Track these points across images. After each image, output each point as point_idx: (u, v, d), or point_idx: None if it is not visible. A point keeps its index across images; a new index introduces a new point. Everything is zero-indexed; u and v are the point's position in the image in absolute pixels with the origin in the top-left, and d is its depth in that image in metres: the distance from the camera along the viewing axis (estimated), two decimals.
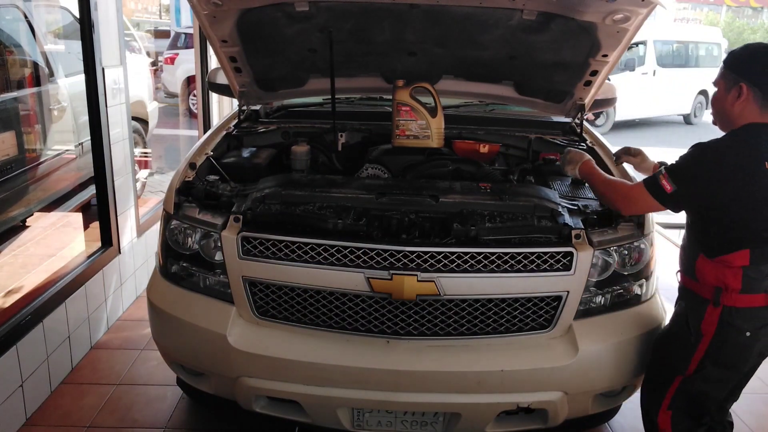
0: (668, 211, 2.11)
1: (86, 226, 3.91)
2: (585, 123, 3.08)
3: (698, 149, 2.00)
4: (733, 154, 1.95)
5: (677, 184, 1.98)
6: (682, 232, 2.23)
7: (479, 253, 2.08)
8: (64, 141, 4.32)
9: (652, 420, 2.25)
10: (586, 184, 2.71)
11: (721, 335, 2.01)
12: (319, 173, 2.93)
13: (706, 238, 2.04)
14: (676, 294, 2.22)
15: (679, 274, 2.19)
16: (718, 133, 2.11)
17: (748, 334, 1.99)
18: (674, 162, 2.05)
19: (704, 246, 2.04)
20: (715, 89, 2.08)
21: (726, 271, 1.98)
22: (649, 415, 2.27)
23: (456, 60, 2.99)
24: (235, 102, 3.25)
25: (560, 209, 2.27)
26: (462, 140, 2.93)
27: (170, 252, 2.36)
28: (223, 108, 5.88)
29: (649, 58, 12.82)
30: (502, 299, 2.14)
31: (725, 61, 2.05)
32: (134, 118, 4.70)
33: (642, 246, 2.28)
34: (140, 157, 5.59)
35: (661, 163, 2.37)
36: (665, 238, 5.31)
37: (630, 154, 2.61)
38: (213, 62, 5.22)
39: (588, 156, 2.45)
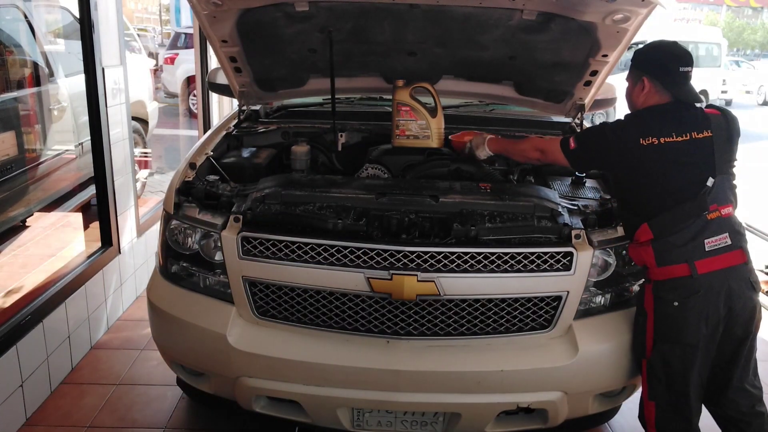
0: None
1: (86, 226, 3.91)
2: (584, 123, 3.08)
3: (599, 124, 2.30)
4: (616, 130, 2.19)
5: (577, 145, 2.26)
6: None
7: (479, 253, 2.08)
8: (64, 141, 4.32)
9: (640, 411, 2.28)
10: (587, 184, 2.72)
11: (657, 310, 2.13)
12: (319, 173, 2.93)
13: (622, 220, 2.26)
14: None
15: None
16: None
17: (675, 304, 2.09)
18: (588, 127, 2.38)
19: (625, 231, 2.24)
20: (627, 84, 2.29)
21: (639, 249, 2.15)
22: (640, 409, 2.29)
23: (456, 60, 2.99)
24: (235, 102, 3.25)
25: (560, 209, 2.27)
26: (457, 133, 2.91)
27: (170, 252, 2.36)
28: (223, 108, 5.88)
29: None
30: (502, 299, 2.14)
31: (632, 61, 2.26)
32: (134, 118, 4.70)
33: None
34: (140, 157, 5.59)
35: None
36: None
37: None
38: (213, 62, 5.22)
39: (487, 134, 2.64)
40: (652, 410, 2.20)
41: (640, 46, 2.34)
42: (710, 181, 2.09)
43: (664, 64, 2.17)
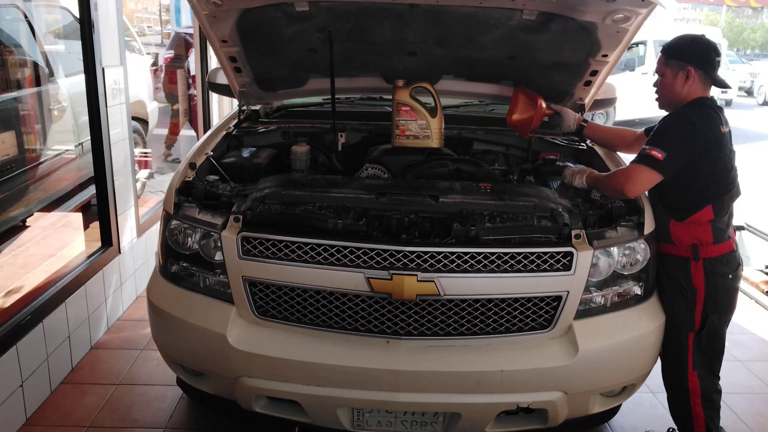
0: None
1: (86, 226, 3.91)
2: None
3: (673, 120, 2.32)
4: (702, 121, 2.27)
5: (665, 151, 2.25)
6: None
7: (479, 253, 2.08)
8: (64, 141, 4.32)
9: (682, 387, 2.41)
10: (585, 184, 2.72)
11: (711, 284, 2.33)
12: (319, 173, 2.93)
13: (675, 204, 2.35)
14: None
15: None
16: None
17: (730, 276, 2.34)
18: (653, 135, 2.33)
19: (673, 212, 2.35)
20: (660, 77, 2.41)
21: (697, 228, 2.31)
22: (678, 386, 2.44)
23: (456, 60, 2.99)
24: (235, 102, 3.25)
25: (560, 209, 2.27)
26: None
27: (170, 252, 2.36)
28: (223, 108, 5.89)
29: (649, 58, 12.79)
30: (502, 299, 2.14)
31: (667, 52, 2.38)
32: (134, 118, 4.70)
33: (642, 246, 2.29)
34: (140, 157, 5.59)
35: (584, 120, 2.86)
36: None
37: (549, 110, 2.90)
38: (213, 62, 5.22)
39: (586, 168, 2.61)
40: (697, 380, 2.38)
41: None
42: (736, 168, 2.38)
43: (709, 56, 2.34)
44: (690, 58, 2.32)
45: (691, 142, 2.24)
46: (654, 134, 2.33)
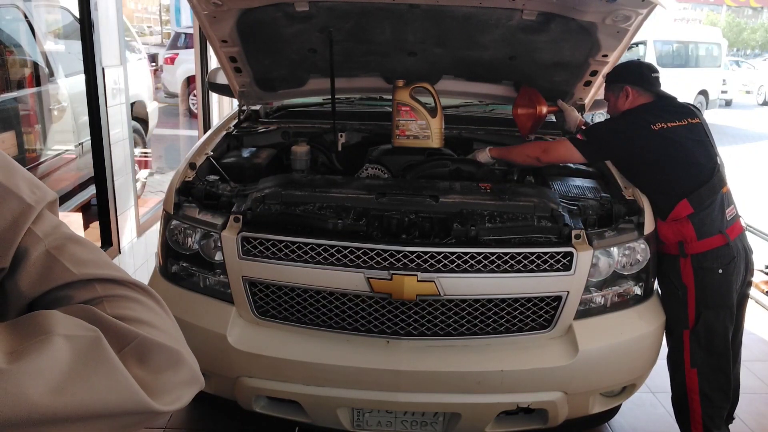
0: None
1: (86, 226, 3.90)
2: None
3: (605, 120, 2.67)
4: (623, 125, 2.50)
5: (587, 138, 2.52)
6: None
7: (479, 253, 2.08)
8: (64, 141, 4.32)
9: (680, 384, 2.42)
10: (587, 184, 2.72)
11: (700, 281, 2.34)
12: (319, 173, 2.93)
13: (655, 205, 2.39)
14: None
15: None
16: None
17: (720, 271, 2.33)
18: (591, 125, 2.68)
19: (657, 212, 2.39)
20: (608, 101, 2.67)
21: (679, 225, 2.35)
22: (677, 383, 2.46)
23: (456, 60, 2.99)
24: (235, 102, 3.25)
25: (560, 209, 2.27)
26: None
27: (170, 252, 2.36)
28: (223, 108, 5.88)
29: (649, 58, 12.78)
30: (502, 299, 2.14)
31: (609, 80, 2.66)
32: (134, 118, 4.70)
33: (642, 246, 2.29)
34: (140, 157, 5.59)
35: (585, 122, 2.94)
36: None
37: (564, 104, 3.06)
38: (213, 62, 5.22)
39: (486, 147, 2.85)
40: (695, 377, 2.38)
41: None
42: (719, 159, 2.43)
43: (640, 72, 2.57)
44: (624, 79, 2.57)
45: (612, 140, 2.49)
46: (593, 124, 2.72)
